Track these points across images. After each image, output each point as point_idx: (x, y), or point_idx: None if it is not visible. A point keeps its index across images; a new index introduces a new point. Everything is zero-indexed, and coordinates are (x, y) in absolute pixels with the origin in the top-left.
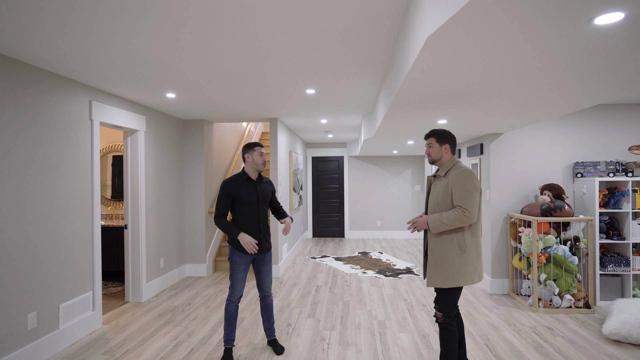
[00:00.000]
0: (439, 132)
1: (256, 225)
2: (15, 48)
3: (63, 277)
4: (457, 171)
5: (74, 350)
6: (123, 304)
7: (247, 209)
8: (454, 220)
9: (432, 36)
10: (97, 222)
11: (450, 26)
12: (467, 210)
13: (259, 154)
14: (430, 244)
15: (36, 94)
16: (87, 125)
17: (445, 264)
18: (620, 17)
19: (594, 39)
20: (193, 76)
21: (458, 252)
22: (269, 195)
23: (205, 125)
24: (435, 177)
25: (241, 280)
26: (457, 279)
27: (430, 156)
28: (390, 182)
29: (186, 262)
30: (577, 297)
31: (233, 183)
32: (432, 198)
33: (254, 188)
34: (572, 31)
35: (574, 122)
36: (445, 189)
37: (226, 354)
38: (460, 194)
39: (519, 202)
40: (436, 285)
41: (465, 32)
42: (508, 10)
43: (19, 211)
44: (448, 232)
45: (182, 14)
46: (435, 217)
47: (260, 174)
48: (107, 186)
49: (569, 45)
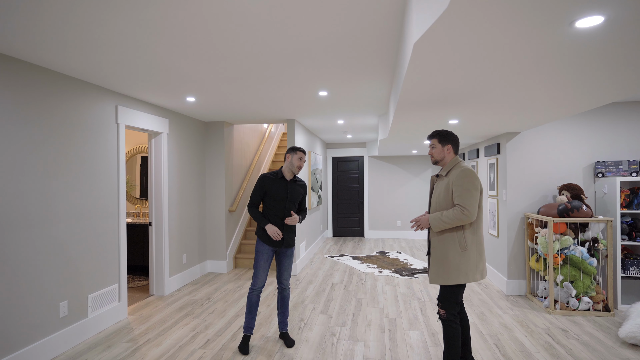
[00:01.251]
0: (441, 133)
1: (280, 221)
2: (49, 59)
3: (92, 269)
4: (458, 171)
5: (101, 337)
6: (147, 297)
7: (275, 204)
8: (453, 218)
9: (418, 42)
10: (122, 219)
11: (434, 32)
12: (466, 208)
13: (298, 158)
14: (432, 242)
15: (67, 100)
16: (113, 128)
17: (446, 262)
18: (600, 20)
19: (577, 41)
20: (210, 81)
21: (459, 250)
22: (298, 196)
23: (225, 127)
24: (437, 176)
25: (263, 270)
26: (458, 276)
27: (433, 157)
28: (410, 182)
29: (207, 259)
30: (596, 300)
31: (268, 179)
32: (434, 197)
33: (285, 187)
34: (555, 34)
35: (595, 120)
36: (446, 188)
37: (244, 341)
38: (460, 193)
39: (537, 202)
40: (438, 283)
41: (448, 37)
42: (488, 16)
43: (52, 208)
44: (449, 230)
45: (199, 26)
46: (436, 216)
47: (295, 175)
48: (135, 186)
49: (554, 48)
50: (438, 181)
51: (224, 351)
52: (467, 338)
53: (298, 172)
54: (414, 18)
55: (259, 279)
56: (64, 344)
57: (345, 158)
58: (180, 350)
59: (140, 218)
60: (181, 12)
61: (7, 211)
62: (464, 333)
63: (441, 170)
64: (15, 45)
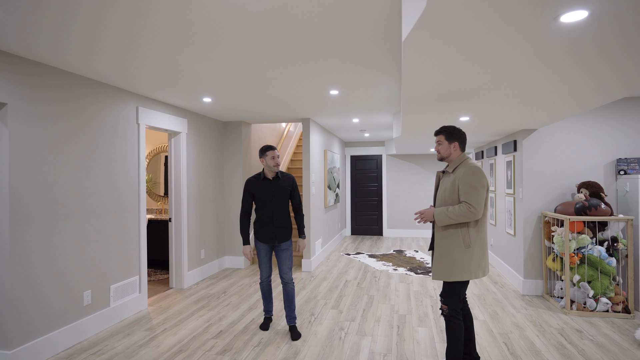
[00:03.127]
0: (448, 130)
1: (270, 218)
2: (75, 64)
3: (114, 261)
4: (464, 168)
5: (122, 326)
6: (167, 290)
7: (263, 204)
8: (459, 214)
9: (406, 40)
10: (143, 215)
11: (418, 30)
12: (472, 206)
13: (271, 158)
14: (436, 237)
15: (91, 102)
16: (134, 128)
17: (449, 258)
18: (585, 15)
19: (564, 36)
20: (224, 82)
21: (463, 246)
22: (285, 192)
23: (243, 127)
24: (444, 172)
25: (264, 263)
26: (461, 273)
27: (439, 153)
28: (429, 180)
29: (226, 255)
30: (615, 301)
31: (252, 182)
32: (440, 193)
33: (269, 186)
34: (541, 29)
35: (616, 115)
36: (452, 184)
37: (265, 322)
38: (466, 190)
39: (555, 200)
40: (440, 279)
41: (432, 35)
42: (468, 14)
43: (78, 203)
44: (453, 226)
45: (213, 31)
46: (442, 210)
47: (278, 172)
48: (159, 183)
49: (541, 43)
50: (444, 177)
51: (235, 341)
52: (471, 335)
53: (278, 169)
54: (403, 18)
55: (263, 272)
56: (88, 331)
57: (363, 157)
58: (194, 339)
59: (163, 215)
60: (197, 17)
61: (36, 205)
62: (468, 329)
63: (447, 167)
64: (44, 52)
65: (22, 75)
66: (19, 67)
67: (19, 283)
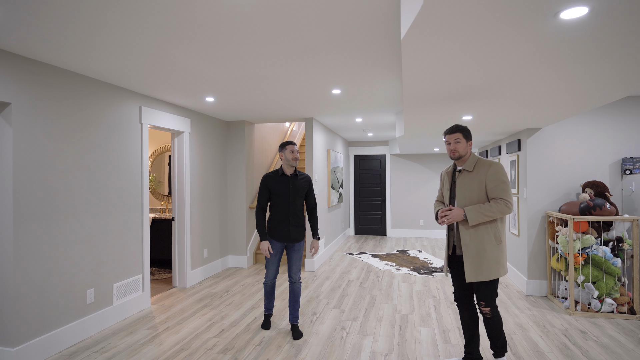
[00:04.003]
0: (465, 128)
1: (286, 216)
2: (78, 63)
3: (117, 260)
4: (488, 164)
5: (124, 324)
6: (170, 289)
7: (279, 201)
8: (497, 211)
9: (405, 38)
10: (146, 214)
11: (415, 29)
12: (508, 201)
13: (290, 151)
14: (463, 238)
15: (95, 102)
16: (137, 128)
17: (484, 257)
18: (585, 11)
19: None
20: (226, 81)
21: (495, 242)
22: (302, 191)
23: (246, 126)
24: (459, 172)
25: (272, 263)
26: (499, 270)
27: (457, 152)
28: (433, 180)
29: (229, 254)
30: (620, 302)
31: (270, 178)
32: (462, 192)
33: (287, 183)
34: (540, 26)
35: (622, 114)
36: (479, 183)
37: (265, 320)
38: (498, 186)
39: (559, 200)
40: (478, 280)
41: (430, 34)
42: (466, 10)
43: (82, 201)
44: (484, 224)
45: (214, 30)
46: (475, 209)
47: (296, 170)
48: (163, 183)
49: (540, 40)
50: (461, 176)
51: (237, 340)
52: (475, 335)
53: (296, 164)
54: (401, 15)
55: (269, 272)
56: (91, 329)
57: (367, 156)
58: (196, 338)
59: (167, 214)
60: (199, 15)
61: (40, 204)
62: (472, 329)
63: (465, 166)
64: (47, 52)
65: (25, 75)
66: (23, 67)
67: (23, 281)
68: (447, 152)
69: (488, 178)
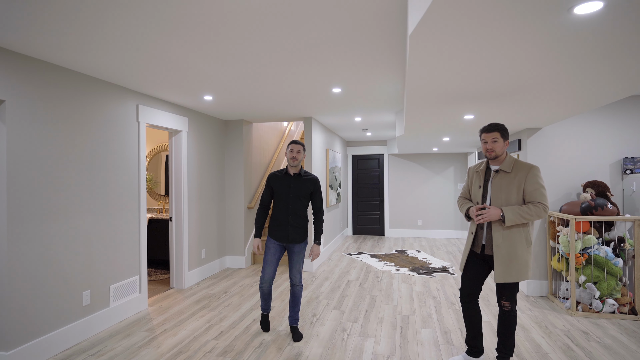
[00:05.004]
0: (503, 127)
1: (285, 217)
2: (73, 60)
3: (113, 261)
4: (528, 167)
5: (121, 326)
6: (167, 290)
7: (279, 200)
8: (534, 215)
9: (412, 35)
10: (143, 214)
11: (425, 24)
12: (547, 206)
13: (289, 151)
14: (495, 238)
15: (91, 100)
16: (134, 126)
17: (516, 259)
18: (600, 6)
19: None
20: (225, 79)
21: (525, 245)
22: (305, 191)
23: (244, 125)
24: (496, 172)
25: (269, 264)
26: (527, 272)
27: (495, 151)
28: (431, 180)
29: (226, 254)
30: (622, 302)
31: (274, 176)
32: (498, 193)
33: (288, 182)
34: (553, 21)
35: (623, 114)
36: (517, 185)
37: (263, 319)
38: (537, 190)
39: (560, 200)
40: (509, 280)
41: (440, 29)
42: (479, 4)
43: (78, 201)
44: (517, 226)
45: (213, 25)
46: (513, 210)
47: (302, 170)
48: (159, 182)
49: (553, 36)
50: (498, 176)
51: (236, 342)
52: (479, 332)
53: (295, 163)
54: (409, 9)
55: (266, 273)
56: (87, 331)
57: (365, 156)
58: (195, 340)
59: (164, 214)
60: (198, 11)
61: (35, 203)
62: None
63: (502, 166)
64: (43, 49)
65: (20, 72)
66: (18, 64)
67: (17, 283)
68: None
69: (527, 181)
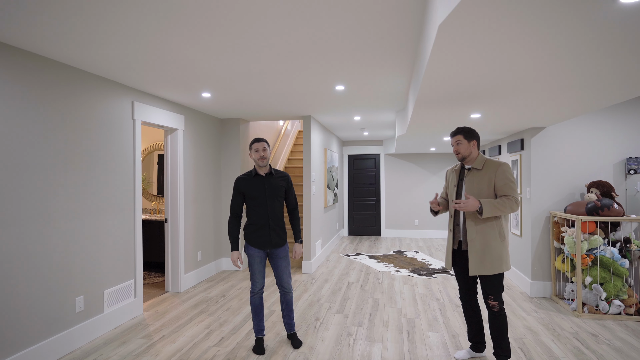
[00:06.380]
0: (465, 130)
1: (265, 220)
2: (66, 54)
3: (107, 265)
4: (497, 164)
5: (116, 333)
6: (163, 293)
7: (255, 203)
8: (506, 207)
9: (443, 24)
10: (138, 215)
11: (460, 12)
12: (517, 199)
13: (254, 151)
14: (469, 233)
15: (84, 96)
16: (129, 124)
17: (489, 252)
18: None
19: (622, 19)
20: (224, 76)
21: (499, 239)
22: (280, 190)
23: (241, 124)
24: (468, 170)
25: (259, 272)
26: (501, 265)
27: (460, 153)
28: (428, 180)
29: (223, 256)
30: (628, 303)
31: (243, 180)
32: (471, 189)
33: (262, 183)
34: (597, 12)
35: (626, 114)
36: (488, 180)
37: (257, 344)
38: (506, 184)
39: (563, 200)
40: (483, 273)
41: (476, 18)
42: None
43: (69, 203)
44: (490, 220)
45: (213, 18)
46: (489, 201)
47: (272, 169)
48: (152, 183)
49: (594, 28)
50: (470, 174)
51: (239, 349)
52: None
53: (263, 163)
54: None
55: (257, 282)
56: (80, 339)
57: (361, 156)
58: (195, 347)
59: (157, 215)
60: (197, 3)
61: (23, 205)
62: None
63: (474, 164)
64: (34, 40)
65: (9, 64)
66: (6, 56)
67: (6, 290)
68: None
69: (497, 176)
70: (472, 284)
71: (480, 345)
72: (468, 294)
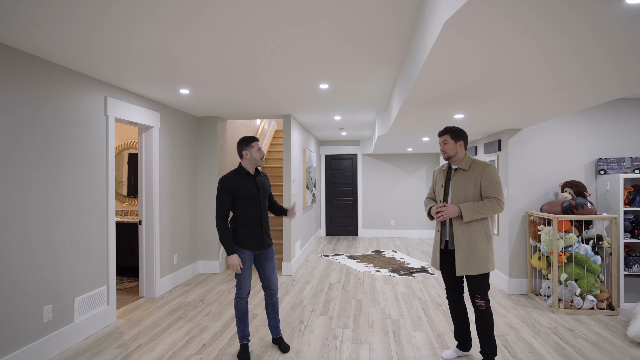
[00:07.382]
0: (453, 130)
1: (258, 220)
2: (32, 44)
3: (78, 271)
4: (483, 165)
5: (88, 343)
6: (137, 299)
7: (248, 204)
8: (489, 209)
9: (450, 20)
10: (111, 218)
11: (469, 8)
12: (502, 201)
13: (257, 150)
14: (456, 233)
15: (53, 90)
16: (102, 121)
17: (475, 252)
18: None
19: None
20: (205, 71)
21: (485, 239)
22: (269, 189)
23: (219, 123)
24: (455, 170)
25: (247, 276)
26: (487, 265)
27: (446, 152)
28: (404, 180)
29: (199, 259)
30: (600, 298)
31: (232, 179)
32: (457, 190)
33: (254, 183)
34: (602, 11)
35: (596, 116)
36: (474, 181)
37: (242, 350)
38: (492, 186)
39: (539, 199)
40: (469, 273)
41: (483, 15)
42: None
43: (35, 205)
44: (475, 221)
45: (193, 6)
46: (469, 206)
47: (257, 168)
48: (123, 183)
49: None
50: (457, 175)
51: (222, 356)
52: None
53: (262, 164)
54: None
55: (245, 287)
56: (49, 351)
57: (338, 156)
58: (175, 356)
59: (129, 217)
60: None
61: None
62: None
63: (461, 164)
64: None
65: None
66: None
67: None
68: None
69: (483, 177)
70: (459, 284)
71: (467, 343)
72: (455, 293)
